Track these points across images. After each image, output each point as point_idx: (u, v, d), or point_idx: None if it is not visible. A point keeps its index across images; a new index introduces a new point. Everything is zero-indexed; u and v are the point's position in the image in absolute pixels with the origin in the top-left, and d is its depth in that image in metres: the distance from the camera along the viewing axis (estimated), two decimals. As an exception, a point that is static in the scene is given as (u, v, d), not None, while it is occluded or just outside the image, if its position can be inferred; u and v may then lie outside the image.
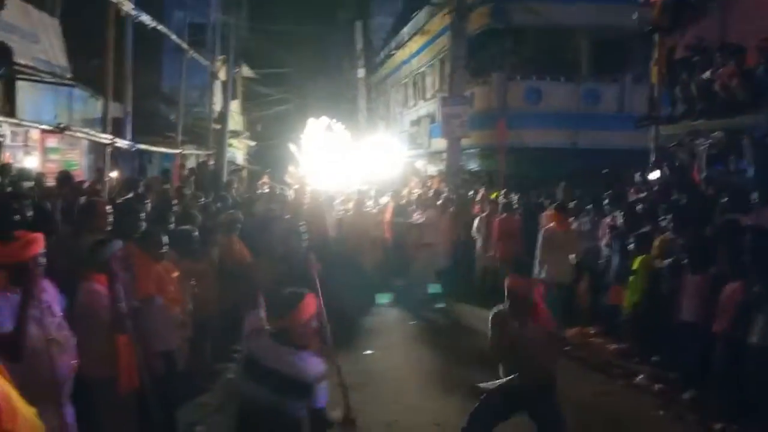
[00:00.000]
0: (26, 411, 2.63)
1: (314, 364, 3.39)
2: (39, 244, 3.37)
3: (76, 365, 3.53)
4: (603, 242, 8.69)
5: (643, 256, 7.66)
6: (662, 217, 7.79)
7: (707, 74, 8.84)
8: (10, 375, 2.64)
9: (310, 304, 3.49)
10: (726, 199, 7.28)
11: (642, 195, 9.33)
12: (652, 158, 9.57)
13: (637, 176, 10.03)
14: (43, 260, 3.39)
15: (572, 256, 8.77)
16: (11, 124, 8.55)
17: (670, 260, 7.14)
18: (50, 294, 3.54)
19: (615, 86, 15.64)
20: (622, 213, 8.43)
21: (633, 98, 14.33)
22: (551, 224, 8.94)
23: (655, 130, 9.73)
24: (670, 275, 7.09)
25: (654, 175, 9.72)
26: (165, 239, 4.88)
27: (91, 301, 4.05)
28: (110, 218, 4.87)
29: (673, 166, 9.61)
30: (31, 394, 2.74)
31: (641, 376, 7.19)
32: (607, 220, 8.89)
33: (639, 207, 8.76)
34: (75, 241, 4.36)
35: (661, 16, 9.31)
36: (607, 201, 9.19)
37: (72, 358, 3.51)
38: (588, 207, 9.55)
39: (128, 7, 8.44)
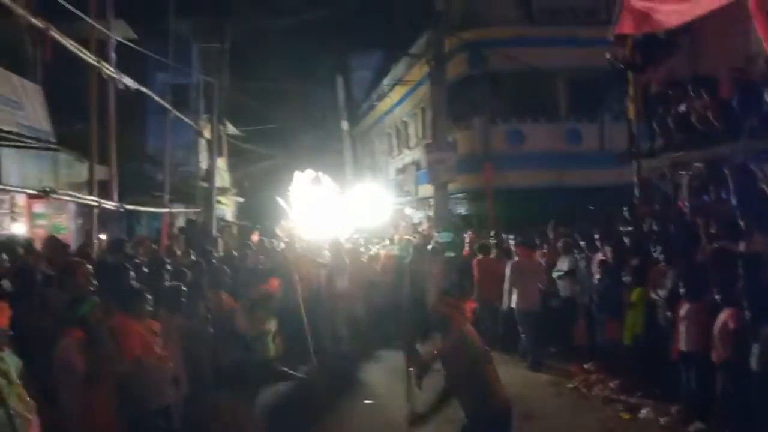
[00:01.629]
0: None
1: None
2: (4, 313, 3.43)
3: None
4: (596, 278, 8.66)
5: (640, 288, 7.64)
6: (653, 249, 7.80)
7: (682, 107, 9.00)
8: None
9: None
10: (715, 227, 7.31)
11: (629, 229, 9.37)
12: (637, 193, 9.69)
13: (625, 211, 10.10)
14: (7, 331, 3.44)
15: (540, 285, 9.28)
16: (-4, 190, 8.55)
17: (666, 291, 7.12)
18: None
19: (594, 125, 15.87)
20: (611, 248, 8.45)
21: (613, 136, 14.51)
22: (516, 258, 9.47)
23: (637, 165, 9.87)
24: (667, 305, 7.05)
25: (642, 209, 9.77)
26: (150, 298, 4.82)
27: (66, 355, 4.04)
28: (92, 279, 4.87)
29: (659, 199, 9.69)
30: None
31: (646, 410, 7.09)
32: (599, 255, 8.89)
33: (627, 240, 8.79)
34: (57, 302, 4.36)
35: (633, 53, 9.55)
36: (597, 237, 9.23)
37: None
38: (581, 243, 9.55)
39: (109, 71, 8.53)
